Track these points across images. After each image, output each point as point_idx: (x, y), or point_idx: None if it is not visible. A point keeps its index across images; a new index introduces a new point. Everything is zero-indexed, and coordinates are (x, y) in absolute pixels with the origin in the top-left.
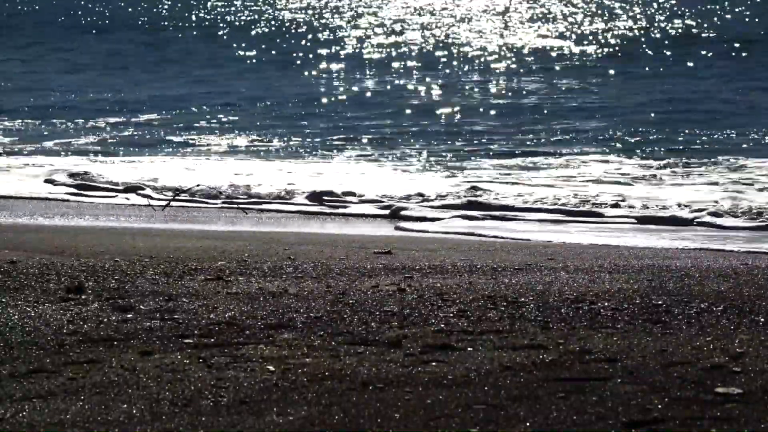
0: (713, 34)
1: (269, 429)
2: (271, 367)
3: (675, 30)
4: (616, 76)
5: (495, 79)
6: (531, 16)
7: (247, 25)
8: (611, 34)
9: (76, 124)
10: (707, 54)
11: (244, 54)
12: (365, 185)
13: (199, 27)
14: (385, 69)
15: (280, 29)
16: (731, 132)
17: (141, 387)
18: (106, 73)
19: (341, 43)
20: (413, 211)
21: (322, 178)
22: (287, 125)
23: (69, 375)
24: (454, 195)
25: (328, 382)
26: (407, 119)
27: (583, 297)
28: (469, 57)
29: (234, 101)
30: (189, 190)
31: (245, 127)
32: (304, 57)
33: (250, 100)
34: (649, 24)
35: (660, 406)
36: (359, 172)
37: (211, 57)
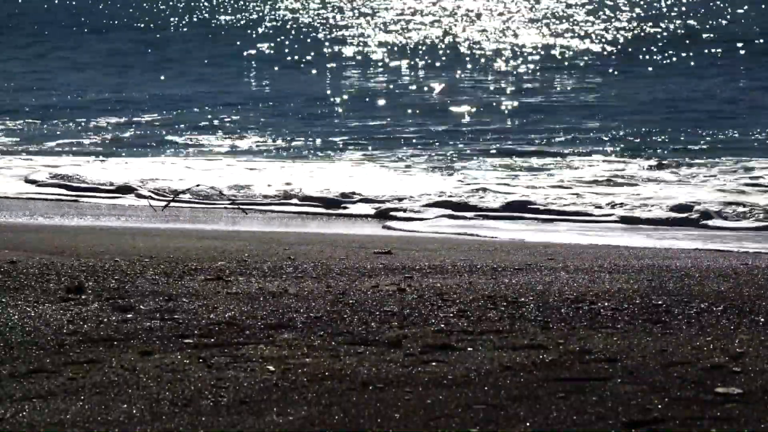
0: (715, 33)
1: (269, 429)
2: (271, 367)
3: (677, 30)
4: (617, 75)
5: (495, 78)
6: (532, 16)
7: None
8: (612, 34)
9: (77, 124)
10: (709, 53)
11: (246, 53)
12: (361, 185)
13: (199, 27)
14: (386, 69)
15: (281, 29)
16: (733, 132)
17: (141, 387)
18: (107, 72)
19: (342, 43)
20: (400, 211)
21: (322, 178)
22: (288, 125)
23: (69, 375)
24: (446, 194)
25: (328, 382)
26: (407, 119)
27: (583, 297)
28: (470, 57)
29: (234, 101)
30: (189, 190)
31: (246, 127)
32: (304, 57)
33: (250, 101)
34: (651, 23)
35: (660, 406)
36: (358, 172)
37: (212, 56)
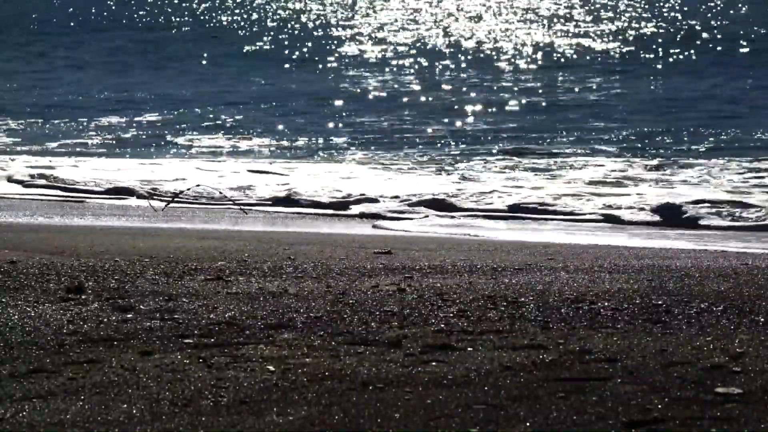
0: (716, 33)
1: (269, 429)
2: (271, 367)
3: (678, 29)
4: (618, 75)
5: (496, 78)
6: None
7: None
8: (613, 34)
9: (78, 124)
10: (710, 53)
11: (247, 53)
12: (361, 185)
13: (200, 26)
14: (387, 69)
15: (282, 28)
16: (735, 131)
17: (141, 387)
18: (108, 72)
19: (344, 42)
20: (388, 211)
21: (322, 178)
22: (288, 125)
23: (69, 375)
24: (446, 194)
25: (328, 382)
26: (408, 119)
27: (583, 297)
28: (471, 57)
29: (235, 100)
30: (189, 190)
31: (246, 127)
32: (305, 56)
33: (251, 100)
34: (653, 23)
35: (660, 406)
36: (358, 173)
37: (213, 56)
